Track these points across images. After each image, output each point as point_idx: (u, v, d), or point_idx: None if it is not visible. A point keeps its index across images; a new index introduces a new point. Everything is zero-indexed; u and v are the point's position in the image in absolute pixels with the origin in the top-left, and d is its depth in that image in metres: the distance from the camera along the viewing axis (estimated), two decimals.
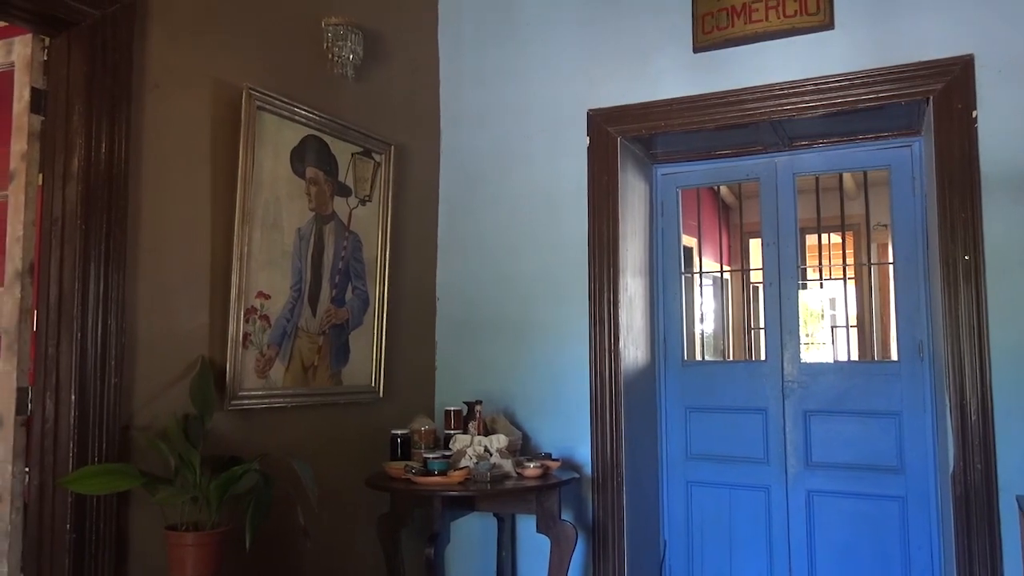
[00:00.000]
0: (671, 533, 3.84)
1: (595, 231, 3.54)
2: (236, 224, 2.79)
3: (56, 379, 2.35)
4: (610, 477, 3.43)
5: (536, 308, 3.66)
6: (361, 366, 3.40)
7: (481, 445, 3.19)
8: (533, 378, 3.65)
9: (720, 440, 3.74)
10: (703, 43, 3.43)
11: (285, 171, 3.03)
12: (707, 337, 4.74)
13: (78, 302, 2.35)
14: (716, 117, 3.38)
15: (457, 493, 3.02)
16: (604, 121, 3.57)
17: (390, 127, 3.59)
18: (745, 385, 3.72)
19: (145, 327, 2.53)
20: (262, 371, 2.91)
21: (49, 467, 2.34)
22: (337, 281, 3.28)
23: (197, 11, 2.75)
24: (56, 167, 2.41)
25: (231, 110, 2.81)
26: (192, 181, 2.71)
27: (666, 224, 3.95)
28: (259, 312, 2.90)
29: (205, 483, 2.41)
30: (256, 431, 2.87)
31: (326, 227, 3.23)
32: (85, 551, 2.32)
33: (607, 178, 3.55)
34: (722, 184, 4.16)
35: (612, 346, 3.48)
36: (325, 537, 3.10)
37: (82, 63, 2.41)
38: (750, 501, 3.67)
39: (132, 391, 2.48)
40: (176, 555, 2.34)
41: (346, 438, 3.30)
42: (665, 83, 3.49)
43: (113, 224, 2.42)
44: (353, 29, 3.24)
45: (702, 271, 4.29)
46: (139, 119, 2.53)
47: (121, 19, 2.48)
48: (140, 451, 2.47)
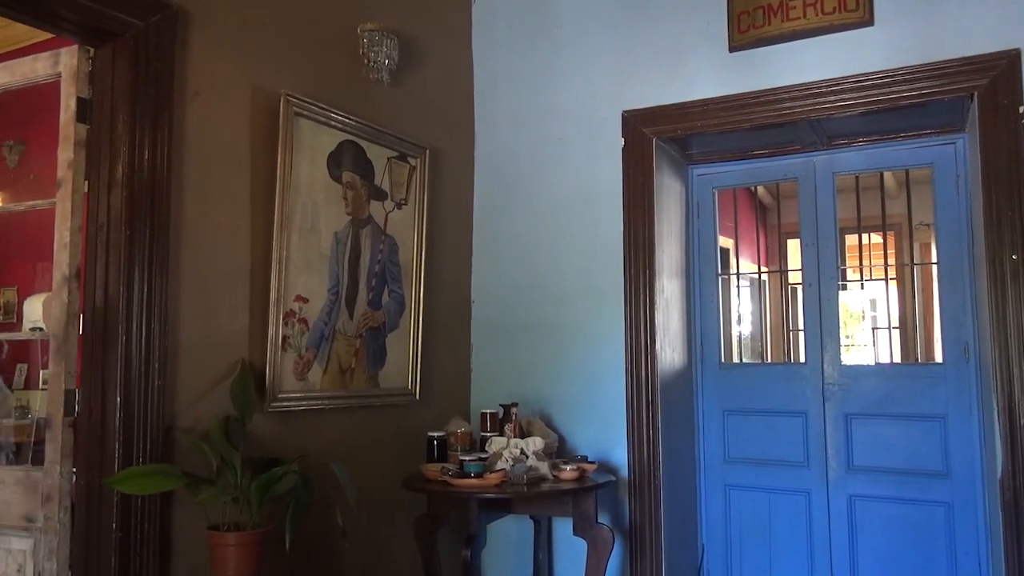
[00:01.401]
0: (709, 537, 3.79)
1: (631, 233, 3.53)
2: (275, 229, 2.83)
3: (102, 381, 2.41)
4: (647, 480, 3.41)
5: (571, 310, 3.65)
6: (397, 369, 3.43)
7: (517, 447, 3.19)
8: (568, 380, 3.64)
9: (759, 443, 3.69)
10: (739, 42, 3.40)
11: (322, 176, 3.06)
12: (744, 339, 4.68)
13: (123, 306, 2.40)
14: (752, 117, 3.34)
15: (493, 495, 3.02)
16: (639, 122, 3.55)
17: (425, 131, 3.61)
18: (784, 388, 3.66)
19: (187, 330, 2.58)
20: (300, 373, 2.95)
21: (96, 467, 2.39)
22: (373, 284, 3.31)
23: (236, 19, 2.80)
24: (101, 174, 2.47)
25: (269, 116, 2.85)
26: (232, 187, 2.75)
27: (702, 225, 3.92)
28: (297, 315, 2.94)
29: (246, 484, 2.45)
30: (295, 433, 2.91)
31: (362, 231, 3.26)
32: (130, 549, 2.37)
33: (642, 180, 3.53)
34: (759, 184, 4.10)
35: (648, 348, 3.45)
36: (363, 538, 3.13)
37: (126, 73, 2.47)
38: (790, 505, 3.61)
39: (175, 393, 2.53)
40: (218, 554, 2.38)
41: (383, 440, 3.33)
42: (700, 83, 3.46)
43: (156, 229, 2.47)
44: (388, 34, 3.27)
45: (739, 272, 4.24)
46: (181, 126, 2.58)
47: (163, 29, 2.53)
48: (183, 452, 2.52)
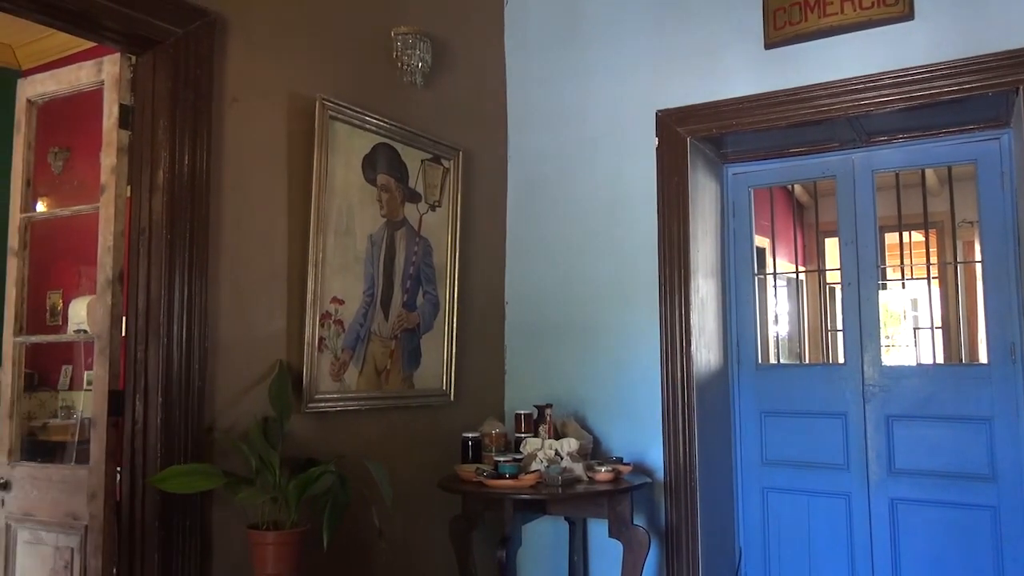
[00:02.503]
0: (747, 540, 3.75)
1: (665, 233, 3.50)
2: (311, 231, 2.87)
3: (144, 382, 2.45)
4: (683, 482, 3.38)
5: (606, 311, 3.64)
6: (432, 370, 3.44)
7: (552, 449, 3.18)
8: (603, 381, 3.62)
9: (797, 445, 3.64)
10: (775, 39, 3.36)
11: (357, 179, 3.09)
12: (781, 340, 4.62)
13: (164, 308, 2.45)
14: (789, 114, 3.30)
15: (528, 496, 3.02)
16: (673, 121, 3.53)
17: (458, 133, 3.63)
18: (823, 389, 3.61)
19: (226, 332, 2.62)
20: (337, 374, 2.98)
21: (139, 466, 2.44)
22: (408, 286, 3.33)
23: (272, 25, 2.84)
24: (143, 179, 2.53)
25: (305, 120, 2.89)
26: (269, 190, 2.79)
27: (738, 225, 3.87)
28: (333, 317, 2.97)
29: (284, 484, 2.48)
30: (331, 433, 2.94)
31: (397, 233, 3.28)
32: (173, 547, 2.41)
33: (677, 179, 3.50)
34: (796, 183, 4.05)
35: (684, 349, 3.42)
36: (398, 537, 3.15)
37: (166, 79, 2.52)
38: (830, 509, 3.55)
39: (214, 394, 2.58)
40: (258, 553, 2.41)
41: (418, 440, 3.35)
42: (735, 81, 3.42)
43: (196, 233, 2.52)
44: (422, 37, 3.29)
45: (776, 272, 4.19)
46: (219, 131, 2.63)
47: (202, 36, 2.58)
48: (222, 452, 2.56)
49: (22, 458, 2.76)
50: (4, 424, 2.79)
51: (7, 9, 2.31)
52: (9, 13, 2.34)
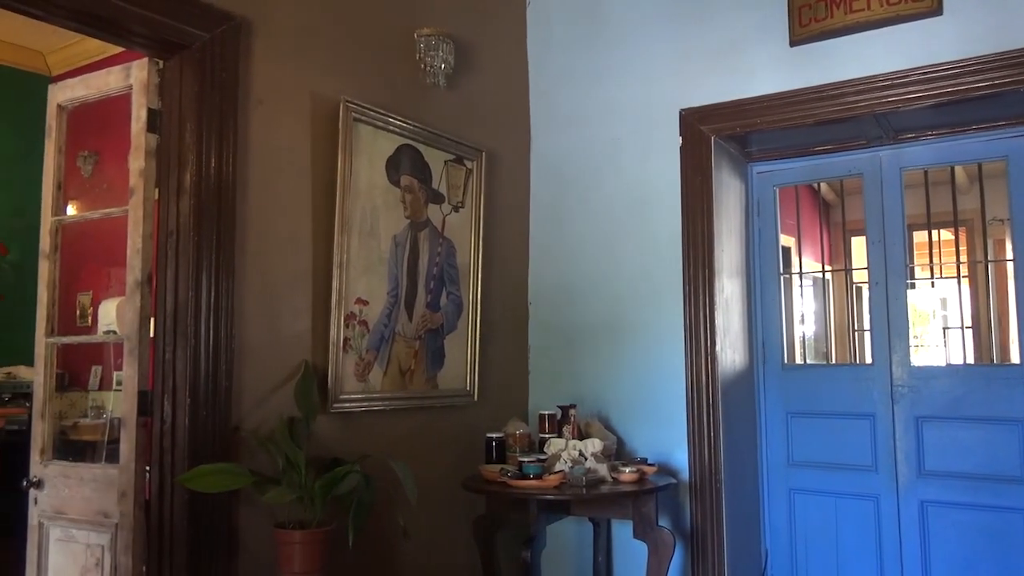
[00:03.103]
0: (773, 542, 3.71)
1: (689, 232, 3.48)
2: (335, 232, 2.89)
3: (173, 383, 2.49)
4: (708, 483, 3.36)
5: (629, 311, 3.63)
6: (456, 370, 3.45)
7: (576, 449, 3.17)
8: (627, 382, 3.61)
9: (824, 447, 3.60)
10: (800, 36, 3.32)
11: (381, 180, 3.11)
12: (808, 340, 4.57)
13: (191, 310, 2.48)
14: (815, 112, 3.26)
15: (552, 497, 3.02)
16: (697, 120, 3.50)
17: (481, 133, 3.63)
18: (850, 389, 3.56)
19: (252, 333, 2.65)
20: (361, 375, 3.00)
21: (168, 466, 2.47)
22: (432, 287, 3.34)
23: (297, 28, 2.86)
24: (170, 182, 2.56)
25: (329, 122, 2.91)
26: (294, 192, 2.82)
27: (763, 224, 3.84)
28: (358, 318, 2.99)
29: (310, 483, 2.50)
30: (356, 433, 2.96)
31: (421, 234, 3.29)
32: (201, 545, 2.44)
33: (701, 178, 3.48)
34: (822, 181, 4.00)
35: (708, 349, 3.40)
36: (423, 537, 3.16)
37: (193, 83, 2.55)
38: (858, 511, 3.51)
39: (241, 394, 2.60)
40: (284, 552, 2.43)
41: (442, 441, 3.36)
42: (760, 79, 3.39)
43: (223, 235, 2.55)
44: (444, 38, 3.30)
45: (802, 271, 4.15)
46: (245, 134, 2.65)
47: (228, 40, 2.61)
48: (249, 452, 2.58)
49: (54, 457, 2.81)
50: (37, 423, 2.84)
51: (39, 16, 2.35)
52: (42, 20, 2.38)
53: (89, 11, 2.32)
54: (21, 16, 2.37)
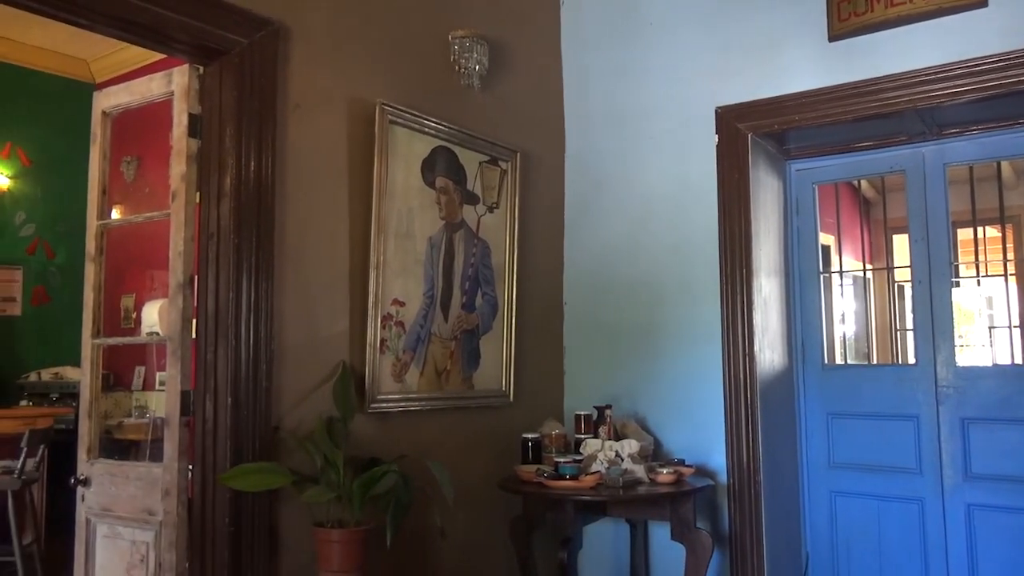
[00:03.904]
0: (814, 546, 3.66)
1: (726, 231, 3.44)
2: (372, 234, 2.91)
3: (214, 383, 2.53)
4: (747, 485, 3.32)
5: (665, 311, 3.60)
6: (492, 370, 3.46)
7: (612, 450, 3.16)
8: (663, 382, 3.58)
9: (866, 448, 3.53)
10: (839, 31, 3.27)
11: (416, 182, 3.13)
12: (848, 339, 4.49)
13: (232, 311, 2.52)
14: (855, 108, 3.21)
15: (589, 498, 3.01)
16: (733, 118, 3.47)
17: (515, 134, 3.64)
18: (893, 390, 3.49)
19: (291, 334, 2.68)
20: (398, 375, 3.02)
21: (210, 465, 2.51)
22: (467, 287, 3.35)
23: (332, 33, 2.89)
24: (211, 186, 2.60)
25: (365, 125, 2.93)
26: (331, 194, 2.85)
27: (802, 222, 3.78)
28: (395, 318, 3.01)
29: (348, 483, 2.52)
30: (393, 433, 2.98)
31: (456, 235, 3.31)
32: (242, 543, 2.48)
33: (738, 176, 3.44)
34: (863, 178, 3.93)
35: (747, 349, 3.36)
36: (460, 537, 3.17)
37: (232, 88, 2.59)
38: (902, 514, 3.43)
39: (280, 394, 2.63)
40: (324, 550, 2.46)
41: (478, 441, 3.37)
42: (798, 75, 3.34)
43: (262, 237, 2.58)
44: (478, 40, 3.31)
45: (842, 270, 4.08)
46: (283, 138, 2.69)
47: (266, 45, 2.64)
48: (288, 451, 2.62)
49: (100, 455, 2.87)
50: (84, 422, 2.90)
51: (84, 25, 2.41)
52: (87, 29, 2.44)
53: (132, 19, 2.37)
54: (66, 25, 2.43)
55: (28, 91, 6.66)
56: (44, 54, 6.64)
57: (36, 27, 5.96)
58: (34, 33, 6.26)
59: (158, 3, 2.38)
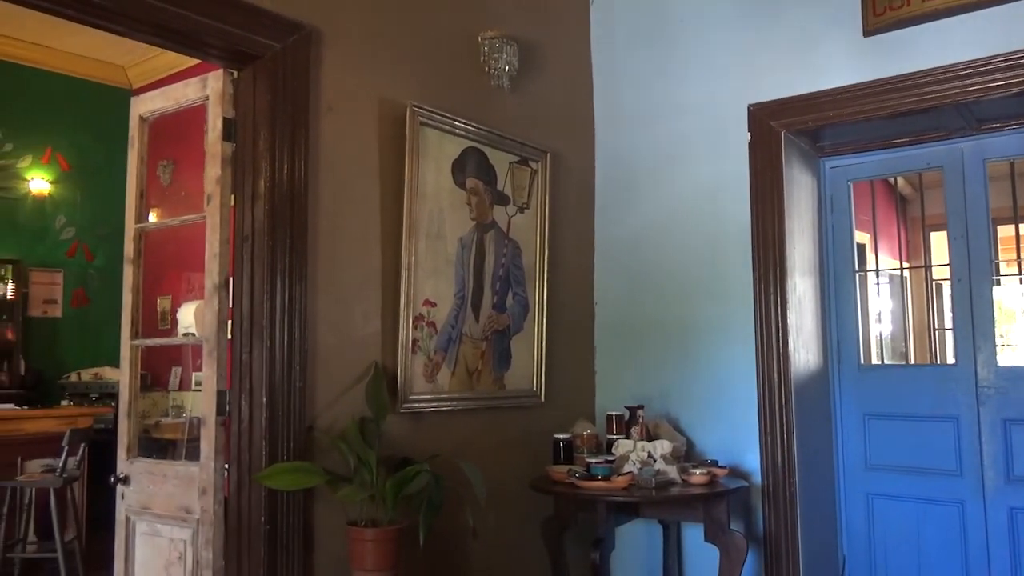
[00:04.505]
0: (850, 548, 3.60)
1: (759, 230, 3.41)
2: (403, 235, 2.93)
3: (250, 383, 2.56)
4: (782, 486, 3.28)
5: (698, 310, 3.57)
6: (523, 370, 3.46)
7: (644, 451, 3.14)
8: (696, 382, 3.55)
9: (904, 450, 3.47)
10: (874, 25, 3.22)
11: (447, 183, 3.14)
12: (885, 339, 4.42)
13: (267, 312, 2.55)
14: (891, 104, 3.16)
15: (621, 499, 2.99)
16: (766, 115, 3.43)
17: (545, 134, 3.63)
18: (932, 391, 3.43)
19: (324, 335, 2.70)
20: (430, 376, 3.03)
21: (245, 464, 2.55)
22: (498, 288, 3.36)
23: (363, 35, 2.92)
24: (245, 189, 2.64)
25: (396, 127, 2.95)
26: (363, 196, 2.87)
27: (836, 220, 3.73)
28: (426, 319, 3.02)
29: (381, 482, 2.54)
30: (425, 433, 2.99)
31: (486, 235, 3.31)
32: (277, 541, 2.50)
33: (771, 174, 3.41)
34: (899, 175, 3.86)
35: (781, 349, 3.32)
36: (492, 537, 3.17)
37: (265, 92, 2.62)
38: (941, 517, 3.37)
39: (314, 394, 2.66)
40: (357, 549, 2.48)
41: (509, 441, 3.37)
42: (832, 71, 3.30)
43: (296, 239, 2.61)
44: (508, 41, 3.31)
45: (878, 268, 4.01)
46: (315, 140, 2.71)
47: (299, 49, 2.67)
48: (322, 450, 2.64)
49: (139, 454, 2.92)
50: (123, 422, 2.96)
51: (122, 32, 2.46)
52: (124, 35, 2.49)
53: (168, 25, 2.41)
54: (104, 32, 2.48)
55: (67, 97, 6.82)
56: (82, 61, 6.80)
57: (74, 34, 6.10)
58: (72, 40, 6.40)
59: (193, 9, 2.41)
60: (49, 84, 6.73)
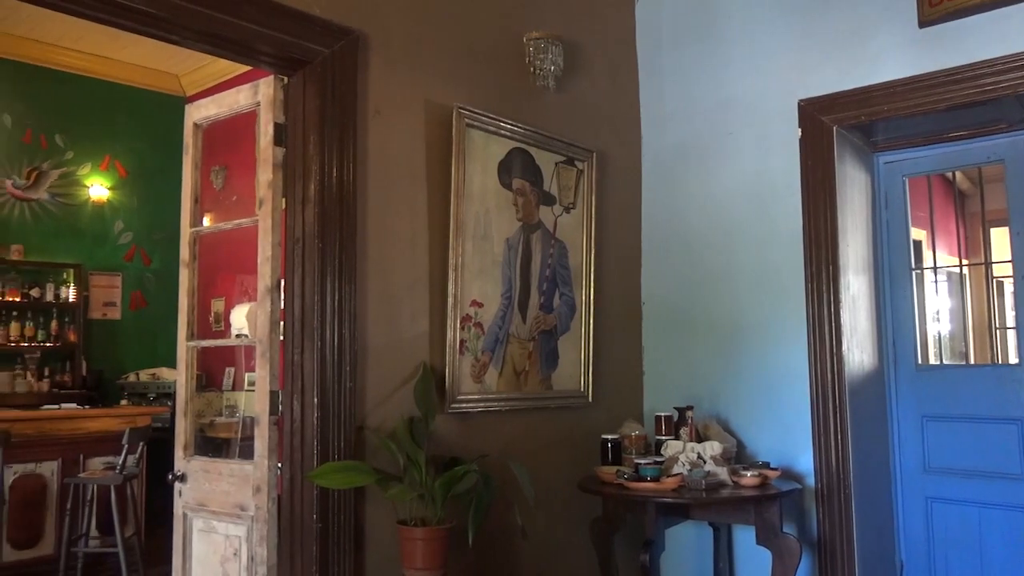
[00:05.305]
0: (908, 553, 3.50)
1: (811, 228, 3.34)
2: (450, 237, 2.94)
3: (301, 383, 2.60)
4: (836, 489, 3.21)
5: (747, 310, 3.52)
6: (570, 371, 3.45)
7: (694, 452, 3.11)
8: (746, 383, 3.50)
9: (965, 453, 3.36)
10: (930, 16, 3.13)
11: (493, 184, 3.15)
12: (943, 338, 4.29)
13: (317, 313, 2.59)
14: (948, 96, 3.07)
15: (671, 500, 2.96)
16: (817, 110, 3.36)
17: (591, 134, 3.62)
18: (993, 392, 3.32)
19: (373, 335, 2.73)
20: (477, 376, 3.04)
21: (297, 462, 2.59)
22: (545, 288, 3.35)
23: (409, 39, 2.94)
24: (296, 192, 2.68)
25: (443, 129, 2.97)
26: (410, 198, 2.89)
27: (891, 216, 3.64)
28: (473, 320, 3.03)
29: (430, 482, 2.56)
30: (473, 433, 3.00)
31: (533, 236, 3.31)
32: (329, 539, 2.54)
33: (822, 171, 3.34)
34: (957, 169, 3.75)
35: (834, 349, 3.25)
36: (540, 537, 3.17)
37: (315, 97, 2.66)
38: (1005, 522, 3.25)
39: (364, 394, 2.69)
40: (408, 548, 2.50)
41: (556, 441, 3.36)
42: (886, 64, 3.22)
43: (345, 241, 2.65)
44: (553, 41, 3.30)
45: (936, 266, 3.90)
46: (364, 144, 2.75)
47: (347, 54, 2.71)
48: (372, 450, 2.67)
49: (195, 453, 2.99)
50: (180, 421, 3.03)
51: (176, 41, 2.52)
52: (178, 44, 2.55)
53: (221, 34, 2.46)
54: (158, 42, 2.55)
55: (124, 106, 7.04)
56: (138, 70, 7.00)
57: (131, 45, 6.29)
58: (129, 51, 6.60)
59: (245, 17, 2.46)
60: (107, 93, 6.95)
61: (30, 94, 6.57)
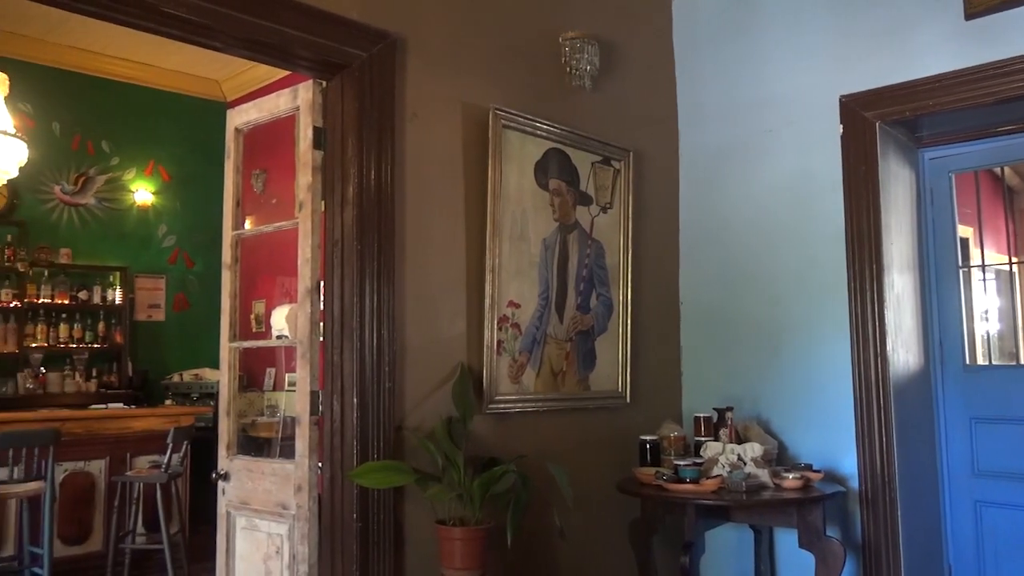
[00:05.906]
0: (956, 558, 3.42)
1: (853, 225, 3.28)
2: (487, 237, 2.95)
3: (341, 383, 2.63)
4: (881, 492, 3.14)
5: (788, 309, 3.46)
6: (608, 371, 3.43)
7: (734, 453, 3.07)
8: (787, 384, 3.45)
9: (1016, 456, 3.27)
10: (977, 8, 3.05)
11: (530, 184, 3.15)
12: (992, 338, 4.17)
13: (356, 314, 2.62)
14: (996, 90, 2.99)
15: (711, 502, 2.93)
16: (859, 106, 3.30)
17: (627, 133, 3.60)
18: None
19: (412, 336, 2.75)
20: (515, 377, 3.04)
21: (338, 462, 2.62)
22: (582, 288, 3.34)
23: (446, 41, 2.96)
24: (335, 195, 2.71)
25: (479, 130, 2.98)
26: (448, 199, 2.91)
27: (937, 213, 3.55)
28: (511, 320, 3.04)
29: (468, 482, 2.57)
30: (510, 433, 3.01)
31: (569, 236, 3.31)
32: (369, 538, 2.57)
33: (865, 167, 3.27)
34: (1007, 164, 3.64)
35: (878, 349, 3.19)
36: (578, 538, 3.16)
37: (353, 100, 2.69)
38: None
39: (403, 394, 2.71)
40: (447, 547, 2.51)
41: (594, 442, 3.35)
42: (931, 58, 3.15)
43: (383, 243, 2.67)
44: (589, 41, 3.29)
45: (984, 264, 3.80)
46: (401, 146, 2.77)
47: (384, 57, 2.73)
48: (410, 450, 2.69)
49: (238, 452, 3.04)
50: (223, 421, 3.08)
51: (218, 48, 2.57)
52: (220, 51, 2.60)
53: (261, 39, 2.50)
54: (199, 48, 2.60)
55: (167, 112, 7.19)
56: (180, 77, 7.15)
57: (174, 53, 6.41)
58: (172, 58, 6.74)
59: (285, 23, 2.50)
60: (151, 100, 7.10)
61: (78, 102, 6.74)
